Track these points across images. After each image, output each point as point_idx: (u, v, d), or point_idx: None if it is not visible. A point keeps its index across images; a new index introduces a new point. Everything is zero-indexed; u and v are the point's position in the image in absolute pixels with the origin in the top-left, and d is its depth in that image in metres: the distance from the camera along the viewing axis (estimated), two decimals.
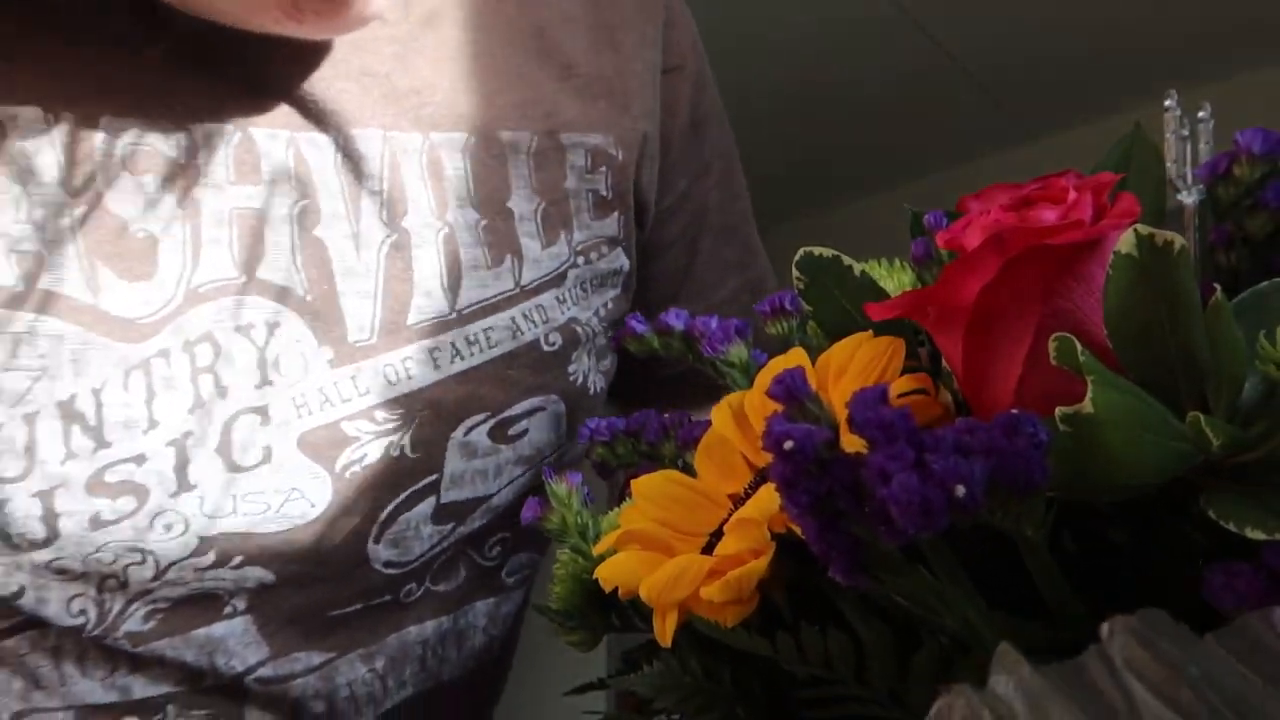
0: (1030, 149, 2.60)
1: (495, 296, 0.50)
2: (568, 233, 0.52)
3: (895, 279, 0.41)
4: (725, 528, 0.34)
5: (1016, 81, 2.37)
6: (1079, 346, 0.25)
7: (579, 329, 0.53)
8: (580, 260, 0.53)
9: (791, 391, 0.27)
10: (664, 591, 0.32)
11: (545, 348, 0.51)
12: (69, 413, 0.41)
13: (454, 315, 0.48)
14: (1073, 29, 2.17)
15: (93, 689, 0.45)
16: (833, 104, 2.45)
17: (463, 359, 0.48)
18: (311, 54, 0.46)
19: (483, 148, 0.50)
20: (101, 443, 0.42)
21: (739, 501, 0.36)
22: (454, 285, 0.48)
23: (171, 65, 0.43)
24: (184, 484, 0.43)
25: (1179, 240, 0.27)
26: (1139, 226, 0.27)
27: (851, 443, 0.25)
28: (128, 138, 0.42)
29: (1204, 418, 0.25)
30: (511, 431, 0.50)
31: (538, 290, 0.51)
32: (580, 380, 0.54)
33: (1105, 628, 0.19)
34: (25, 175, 0.40)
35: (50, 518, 0.42)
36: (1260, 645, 0.18)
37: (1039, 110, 2.48)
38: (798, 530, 0.27)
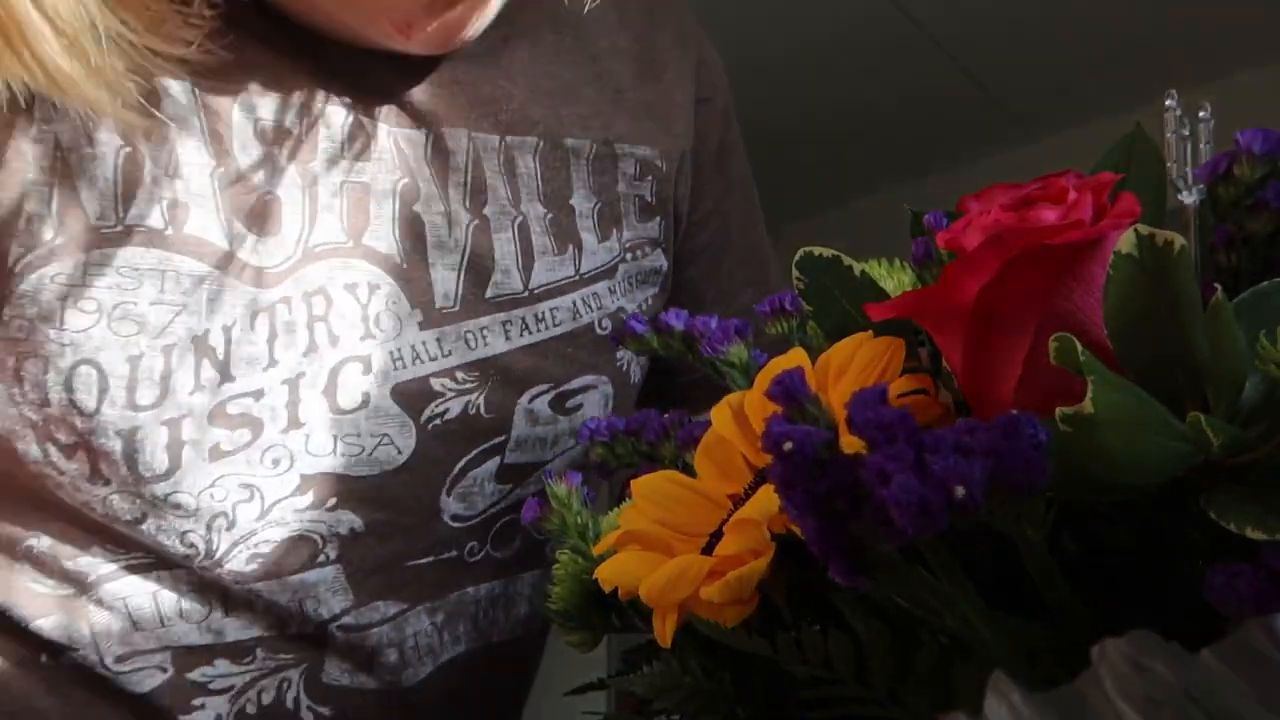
0: (1030, 149, 2.60)
1: (560, 280, 0.56)
2: (618, 231, 0.59)
3: (895, 279, 0.41)
4: (725, 528, 0.34)
5: (1016, 81, 2.37)
6: (1079, 346, 0.25)
7: (626, 318, 0.58)
8: (628, 256, 0.60)
9: (790, 392, 0.27)
10: (664, 592, 0.32)
11: (599, 331, 0.58)
12: (202, 347, 0.46)
13: (526, 294, 0.55)
14: (1073, 29, 2.17)
15: (189, 631, 0.50)
16: (833, 104, 2.45)
17: (530, 333, 0.55)
18: (412, 63, 0.53)
19: (550, 151, 0.57)
20: (226, 376, 0.47)
21: (739, 502, 0.36)
22: (528, 266, 0.55)
23: (297, 61, 0.50)
24: (294, 421, 0.48)
25: (1179, 240, 0.27)
26: (1139, 226, 0.27)
27: (851, 443, 0.25)
28: (260, 114, 0.48)
29: (1204, 418, 0.25)
30: (569, 404, 0.56)
31: (594, 279, 0.58)
32: (625, 367, 0.60)
33: (1095, 651, 0.19)
34: (174, 144, 0.46)
35: (175, 446, 0.46)
36: (1260, 657, 0.18)
37: (1039, 110, 2.48)
38: (797, 531, 0.27)
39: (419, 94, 0.53)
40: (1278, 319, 0.27)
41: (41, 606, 0.50)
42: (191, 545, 0.49)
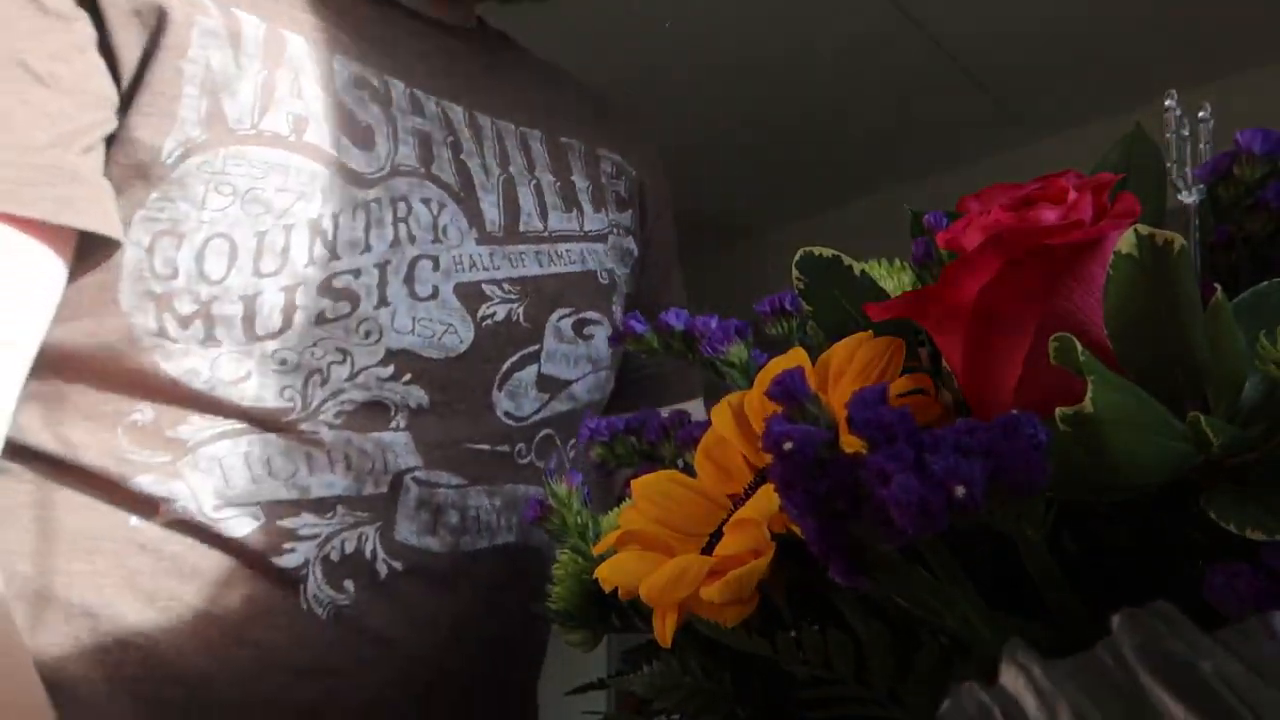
0: (1030, 149, 2.60)
1: (569, 230, 0.70)
2: (606, 209, 0.73)
3: (895, 279, 0.41)
4: (725, 528, 0.34)
5: (1016, 81, 2.37)
6: (1079, 346, 0.25)
7: (616, 278, 0.72)
8: (613, 231, 0.73)
9: (791, 392, 0.27)
10: (664, 592, 0.32)
11: (601, 280, 0.71)
12: (315, 229, 0.57)
13: (546, 234, 0.68)
14: (1073, 28, 2.17)
15: (277, 488, 0.57)
16: (833, 104, 2.45)
17: (555, 264, 0.68)
18: (446, 69, 0.68)
19: (551, 143, 0.72)
20: (334, 254, 0.57)
21: (739, 502, 0.36)
22: (543, 215, 0.68)
23: (361, 43, 0.64)
24: (383, 299, 0.59)
25: (1179, 240, 0.27)
26: (1139, 226, 0.27)
27: (851, 443, 0.25)
28: (351, 69, 0.63)
29: (1204, 417, 0.25)
30: (586, 331, 0.69)
31: (593, 239, 0.71)
32: (619, 319, 0.72)
33: (1116, 620, 0.19)
34: (297, 75, 0.60)
35: (289, 309, 0.56)
36: (1261, 650, 0.18)
37: (1039, 110, 2.48)
38: (797, 531, 0.27)
39: (451, 87, 0.67)
40: (1277, 319, 0.27)
41: (139, 469, 0.56)
42: (290, 399, 0.57)
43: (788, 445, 0.25)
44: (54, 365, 0.56)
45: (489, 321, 0.63)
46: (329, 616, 0.58)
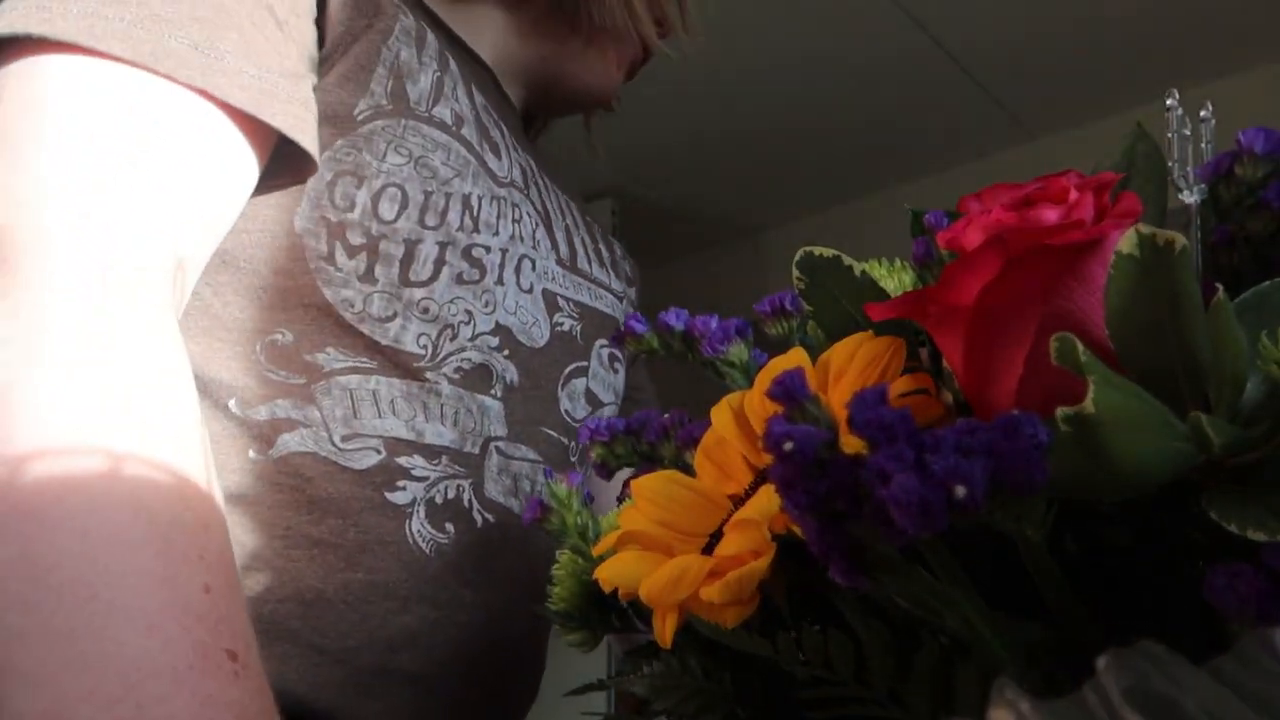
0: (1030, 149, 2.60)
1: (604, 281, 0.81)
2: (621, 280, 0.85)
3: (895, 279, 0.41)
4: (725, 528, 0.34)
5: (1016, 81, 2.37)
6: (1080, 346, 0.25)
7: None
8: (624, 298, 0.84)
9: (791, 393, 0.27)
10: (664, 592, 0.32)
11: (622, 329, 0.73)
12: (465, 202, 0.67)
13: (592, 278, 0.79)
14: (1074, 28, 2.17)
15: (397, 426, 0.64)
16: (833, 104, 2.45)
17: (599, 303, 0.78)
18: (519, 132, 0.79)
19: (581, 214, 0.83)
20: (475, 228, 0.67)
21: (739, 502, 0.36)
22: (589, 262, 0.80)
23: (490, 92, 0.78)
24: (500, 279, 0.68)
25: (1180, 240, 0.27)
26: (1140, 226, 0.27)
27: (851, 443, 0.25)
28: (481, 99, 0.74)
29: (1205, 418, 0.25)
30: (615, 365, 0.80)
31: (617, 296, 0.82)
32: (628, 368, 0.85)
33: (1101, 661, 0.19)
34: (456, 84, 0.71)
35: (439, 264, 0.65)
36: (1258, 668, 0.18)
37: (1039, 110, 2.48)
38: (797, 531, 0.27)
39: (526, 146, 0.78)
40: (1279, 319, 0.27)
41: (269, 392, 0.61)
42: (424, 346, 0.64)
43: (788, 445, 0.25)
44: (209, 272, 0.60)
45: (559, 329, 0.73)
46: (431, 552, 0.63)
